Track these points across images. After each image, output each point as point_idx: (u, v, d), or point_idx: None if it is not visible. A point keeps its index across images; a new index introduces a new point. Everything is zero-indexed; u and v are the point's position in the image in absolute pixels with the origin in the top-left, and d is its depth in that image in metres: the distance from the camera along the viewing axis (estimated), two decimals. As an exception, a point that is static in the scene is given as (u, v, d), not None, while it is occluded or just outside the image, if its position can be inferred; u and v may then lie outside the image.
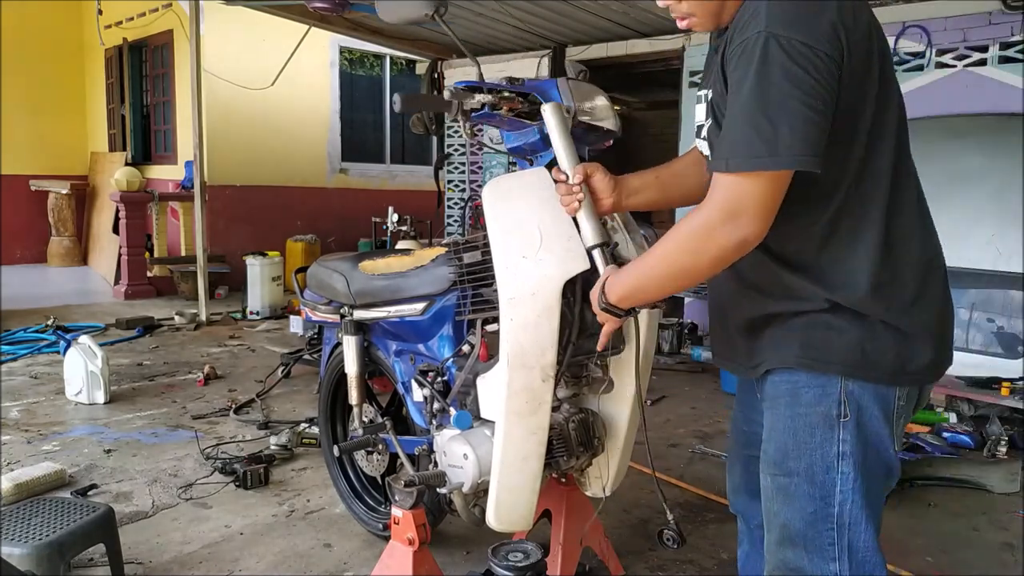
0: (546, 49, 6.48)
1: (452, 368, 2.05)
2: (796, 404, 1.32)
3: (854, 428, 1.28)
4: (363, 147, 9.77)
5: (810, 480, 1.30)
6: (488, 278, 1.86)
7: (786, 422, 1.33)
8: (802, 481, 1.31)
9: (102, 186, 9.11)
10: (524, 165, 1.79)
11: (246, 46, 8.08)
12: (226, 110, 8.06)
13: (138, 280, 7.54)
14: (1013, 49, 4.31)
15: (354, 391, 2.43)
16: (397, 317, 2.20)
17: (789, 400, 1.33)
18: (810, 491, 1.31)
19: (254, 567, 2.45)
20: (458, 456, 1.88)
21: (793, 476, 1.32)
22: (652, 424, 3.94)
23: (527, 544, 1.93)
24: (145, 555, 2.50)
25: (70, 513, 2.17)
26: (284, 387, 4.50)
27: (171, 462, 3.29)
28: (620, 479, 2.07)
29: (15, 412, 3.93)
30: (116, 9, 8.75)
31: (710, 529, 2.78)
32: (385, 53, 9.41)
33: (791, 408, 1.32)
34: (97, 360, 4.06)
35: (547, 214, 1.65)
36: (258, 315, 6.67)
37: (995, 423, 3.62)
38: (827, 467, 1.29)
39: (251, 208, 8.44)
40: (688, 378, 4.98)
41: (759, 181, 1.16)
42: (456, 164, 7.59)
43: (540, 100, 1.67)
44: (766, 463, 1.38)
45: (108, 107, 9.59)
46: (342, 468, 2.78)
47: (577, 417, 1.92)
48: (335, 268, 2.44)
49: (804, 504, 1.31)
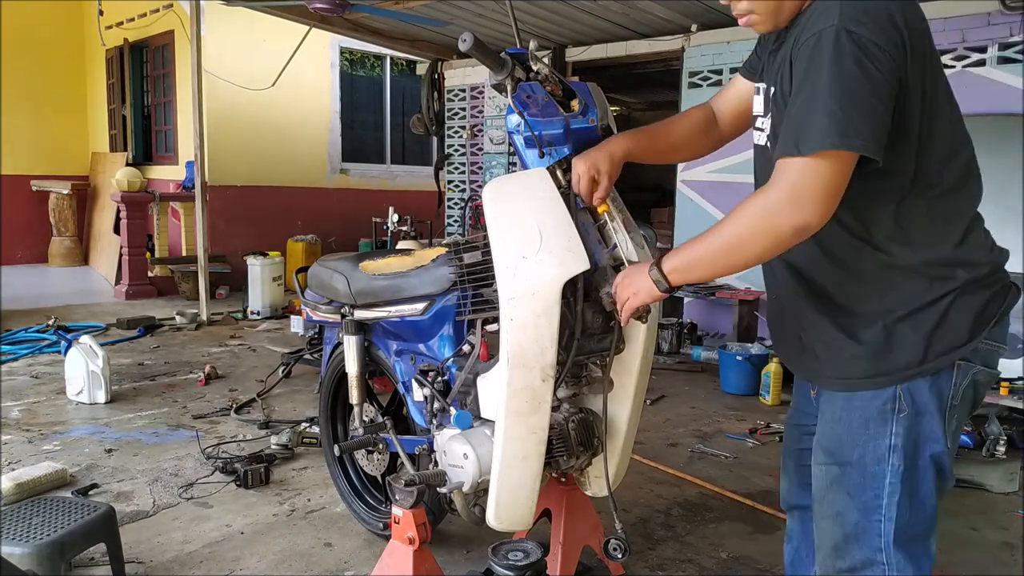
0: (546, 49, 6.49)
1: (452, 368, 2.05)
2: (852, 398, 1.36)
3: (907, 423, 1.31)
4: (363, 147, 9.78)
5: (862, 470, 1.34)
6: (488, 278, 1.87)
7: (841, 414, 1.37)
8: (854, 471, 1.35)
9: (103, 186, 9.12)
10: (525, 164, 1.79)
11: (247, 47, 8.09)
12: (227, 110, 8.07)
13: (139, 280, 7.55)
14: (1012, 50, 4.32)
15: (355, 391, 2.44)
16: (398, 317, 2.21)
17: (847, 394, 1.37)
18: (862, 481, 1.34)
19: (255, 566, 2.46)
20: (458, 455, 1.88)
21: (846, 466, 1.36)
22: (652, 424, 3.95)
23: (527, 543, 1.94)
24: (146, 554, 2.51)
25: (71, 512, 2.17)
26: (285, 387, 4.51)
27: (172, 462, 3.30)
28: (620, 479, 2.08)
29: (16, 412, 3.94)
30: (117, 9, 8.76)
31: (710, 528, 2.78)
32: (385, 54, 9.41)
33: (848, 401, 1.37)
34: (98, 360, 4.07)
35: (547, 214, 1.65)
36: (259, 315, 6.68)
37: (994, 423, 3.63)
38: (878, 459, 1.33)
39: (252, 208, 8.45)
40: (688, 378, 4.98)
41: (825, 164, 1.19)
42: (456, 164, 7.59)
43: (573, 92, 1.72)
44: (819, 451, 1.42)
45: (109, 107, 9.59)
46: (343, 467, 2.78)
47: (577, 417, 1.93)
48: (336, 268, 2.44)
49: (856, 493, 1.35)
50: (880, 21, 1.19)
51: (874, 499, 1.33)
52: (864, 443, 1.34)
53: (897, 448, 1.32)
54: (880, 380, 1.33)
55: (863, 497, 1.34)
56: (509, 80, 1.66)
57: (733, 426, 3.98)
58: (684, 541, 2.68)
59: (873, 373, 1.33)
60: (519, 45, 1.75)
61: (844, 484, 1.36)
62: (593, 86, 1.77)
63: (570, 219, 1.68)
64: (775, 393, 4.38)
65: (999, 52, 4.37)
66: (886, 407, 1.32)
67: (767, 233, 1.24)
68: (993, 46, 4.39)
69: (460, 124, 7.50)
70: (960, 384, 1.33)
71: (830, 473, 1.39)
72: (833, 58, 1.18)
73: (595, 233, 1.77)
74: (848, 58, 1.17)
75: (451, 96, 7.53)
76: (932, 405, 1.31)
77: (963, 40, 4.48)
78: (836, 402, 1.39)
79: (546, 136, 1.70)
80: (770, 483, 3.23)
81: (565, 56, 6.55)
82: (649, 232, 7.40)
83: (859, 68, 1.17)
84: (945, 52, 4.54)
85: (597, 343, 1.83)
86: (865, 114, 1.17)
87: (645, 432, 3.75)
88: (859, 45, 1.17)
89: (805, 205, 1.20)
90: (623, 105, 10.35)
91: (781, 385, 4.41)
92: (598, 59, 6.41)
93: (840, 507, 1.37)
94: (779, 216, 1.22)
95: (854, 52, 1.17)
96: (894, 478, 1.32)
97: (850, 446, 1.35)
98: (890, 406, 1.32)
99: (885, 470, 1.32)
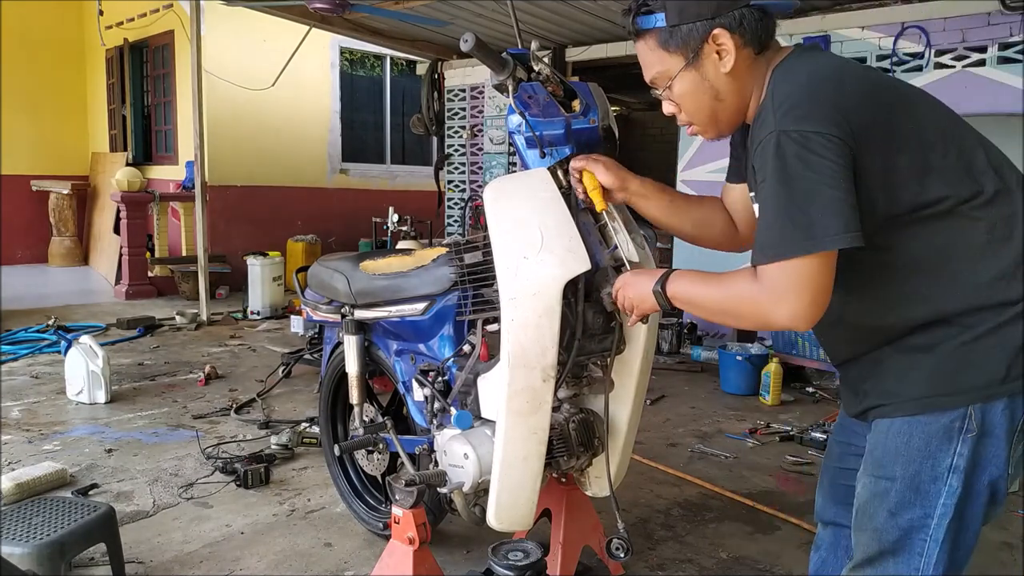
0: (546, 50, 6.49)
1: (453, 368, 2.05)
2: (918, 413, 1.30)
3: (973, 443, 1.25)
4: (363, 147, 9.78)
5: (914, 488, 1.28)
6: (489, 278, 1.87)
7: (901, 426, 1.30)
8: (904, 488, 1.29)
9: (103, 186, 9.11)
10: (526, 164, 1.79)
11: (247, 47, 8.09)
12: (227, 110, 8.07)
13: (139, 280, 7.54)
14: (1012, 49, 4.31)
15: (355, 390, 2.44)
16: (398, 317, 2.21)
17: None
18: (911, 499, 1.28)
19: (255, 566, 2.45)
20: (458, 456, 1.88)
21: (895, 481, 1.30)
22: (652, 424, 3.95)
23: (527, 543, 1.94)
24: (146, 554, 2.50)
25: (71, 512, 2.17)
26: (285, 387, 4.51)
27: (172, 461, 3.30)
28: (620, 479, 2.08)
29: (16, 412, 3.93)
30: (117, 10, 8.76)
31: (710, 528, 2.78)
32: (385, 54, 9.41)
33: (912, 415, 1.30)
34: (98, 360, 4.07)
35: (548, 215, 1.65)
36: (259, 315, 6.68)
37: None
38: (935, 477, 1.27)
39: (252, 208, 8.45)
40: (688, 378, 4.98)
41: (801, 265, 1.18)
42: (456, 164, 7.59)
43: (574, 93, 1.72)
44: (869, 463, 1.35)
45: (109, 107, 9.59)
46: (343, 467, 2.78)
47: (577, 417, 1.93)
48: (336, 268, 2.44)
49: (900, 511, 1.29)
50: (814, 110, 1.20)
51: (922, 518, 1.28)
52: (922, 460, 1.27)
53: (958, 470, 1.25)
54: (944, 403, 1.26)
55: (908, 515, 1.28)
56: (511, 80, 1.66)
57: (733, 426, 3.99)
58: (684, 541, 2.68)
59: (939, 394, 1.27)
60: (520, 45, 1.76)
61: (889, 500, 1.31)
62: (594, 86, 1.78)
63: (571, 219, 1.68)
64: (775, 393, 4.38)
65: (999, 52, 4.36)
66: (954, 425, 1.25)
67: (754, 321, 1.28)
68: (993, 46, 4.39)
69: (460, 124, 7.50)
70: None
71: (877, 486, 1.33)
72: (777, 166, 1.18)
73: (596, 233, 1.77)
74: (791, 159, 1.17)
75: (451, 96, 7.53)
76: (1002, 427, 1.25)
77: (963, 40, 4.48)
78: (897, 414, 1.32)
79: (547, 136, 1.70)
80: (770, 483, 3.23)
81: (565, 56, 6.55)
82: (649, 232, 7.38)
83: (806, 166, 1.17)
84: (945, 52, 4.54)
85: (598, 343, 1.83)
86: (827, 208, 1.16)
87: (645, 432, 3.75)
88: (798, 142, 1.17)
89: (787, 303, 1.20)
90: (623, 105, 10.35)
91: (781, 385, 4.41)
92: (598, 59, 6.41)
93: (880, 523, 1.32)
94: (769, 315, 1.23)
95: (796, 151, 1.17)
96: (948, 499, 1.26)
97: (905, 461, 1.29)
98: (958, 424, 1.25)
99: (941, 490, 1.26)
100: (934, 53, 4.58)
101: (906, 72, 4.63)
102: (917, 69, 4.63)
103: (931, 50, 4.58)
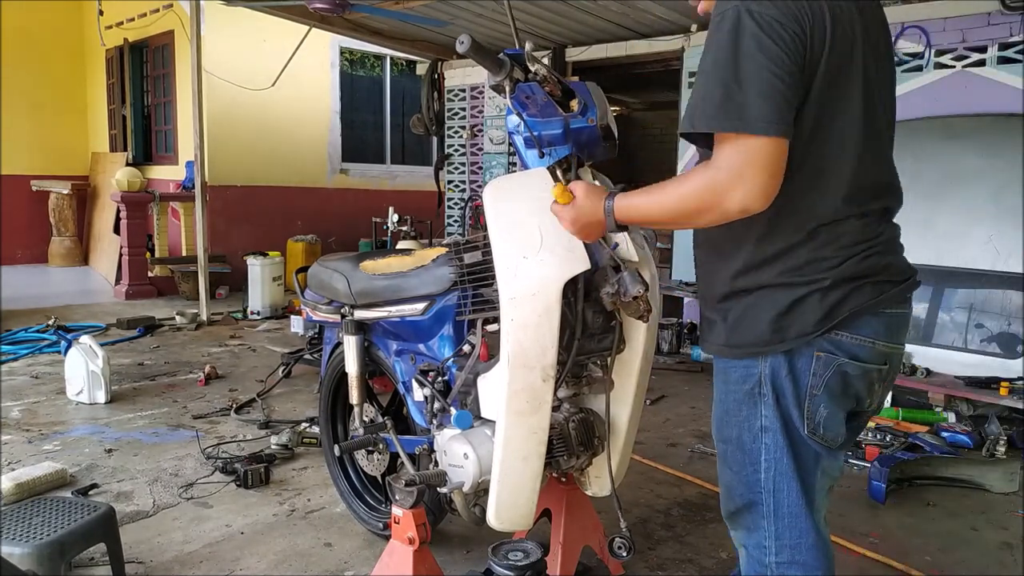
0: (546, 50, 6.49)
1: (453, 368, 2.05)
2: (728, 381, 1.47)
3: (773, 405, 1.40)
4: (363, 147, 9.78)
5: (741, 448, 1.46)
6: (489, 278, 1.87)
7: (721, 395, 1.49)
8: (735, 449, 1.47)
9: (103, 186, 9.12)
10: (525, 164, 1.79)
11: (247, 47, 8.09)
12: (227, 110, 8.07)
13: (139, 280, 7.55)
14: (1012, 50, 4.31)
15: (355, 391, 2.44)
16: (398, 317, 2.21)
17: (723, 377, 1.49)
18: (742, 458, 1.46)
19: (255, 566, 2.46)
20: (458, 455, 1.88)
21: (728, 444, 1.48)
22: (652, 424, 3.95)
23: (527, 543, 1.94)
24: (146, 554, 2.51)
25: (71, 512, 2.17)
26: (285, 387, 4.51)
27: (172, 462, 3.30)
28: (621, 478, 2.08)
29: (16, 412, 3.94)
30: (117, 9, 8.76)
31: (710, 528, 2.78)
32: (385, 54, 9.41)
33: (725, 384, 1.48)
34: (98, 360, 4.07)
35: (548, 214, 1.65)
36: (259, 315, 6.68)
37: (994, 423, 3.63)
38: (753, 437, 1.43)
39: (252, 208, 8.45)
40: (687, 378, 4.99)
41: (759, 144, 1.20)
42: (456, 164, 7.59)
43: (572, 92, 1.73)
44: (713, 429, 1.54)
45: (109, 107, 9.59)
46: (343, 467, 2.78)
47: (577, 417, 1.93)
48: (336, 268, 2.44)
49: (738, 469, 1.47)
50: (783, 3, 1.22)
51: (753, 474, 1.44)
52: (739, 423, 1.44)
53: (767, 429, 1.41)
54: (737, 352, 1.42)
55: (743, 472, 1.46)
56: (507, 81, 1.66)
57: (733, 426, 3.98)
58: (684, 541, 2.68)
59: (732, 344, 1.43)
60: (516, 45, 1.75)
61: (729, 460, 1.49)
62: (593, 86, 1.78)
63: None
64: (775, 393, 4.38)
65: (999, 52, 4.37)
66: (753, 390, 1.41)
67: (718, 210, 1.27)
68: (993, 46, 4.39)
69: (460, 124, 7.50)
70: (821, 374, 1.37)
71: (718, 449, 1.52)
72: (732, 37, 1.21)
73: (595, 233, 1.77)
74: (746, 36, 1.20)
75: (451, 96, 7.53)
76: (790, 388, 1.38)
77: (963, 40, 4.48)
78: (719, 383, 1.49)
79: (545, 136, 1.70)
80: (770, 483, 3.23)
81: (565, 56, 6.55)
82: (649, 231, 7.39)
83: (759, 46, 1.20)
84: (945, 52, 4.54)
85: (598, 343, 1.83)
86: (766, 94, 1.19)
87: (645, 432, 3.75)
88: (758, 22, 1.20)
89: (749, 182, 1.22)
90: (623, 105, 10.35)
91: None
92: (598, 59, 6.41)
93: (728, 480, 1.51)
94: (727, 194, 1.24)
95: (753, 29, 1.20)
96: (768, 455, 1.42)
97: (729, 425, 1.47)
98: (757, 390, 1.41)
99: (759, 448, 1.42)
100: (934, 53, 4.58)
101: (906, 72, 4.63)
102: (917, 69, 4.63)
103: (931, 50, 4.58)
